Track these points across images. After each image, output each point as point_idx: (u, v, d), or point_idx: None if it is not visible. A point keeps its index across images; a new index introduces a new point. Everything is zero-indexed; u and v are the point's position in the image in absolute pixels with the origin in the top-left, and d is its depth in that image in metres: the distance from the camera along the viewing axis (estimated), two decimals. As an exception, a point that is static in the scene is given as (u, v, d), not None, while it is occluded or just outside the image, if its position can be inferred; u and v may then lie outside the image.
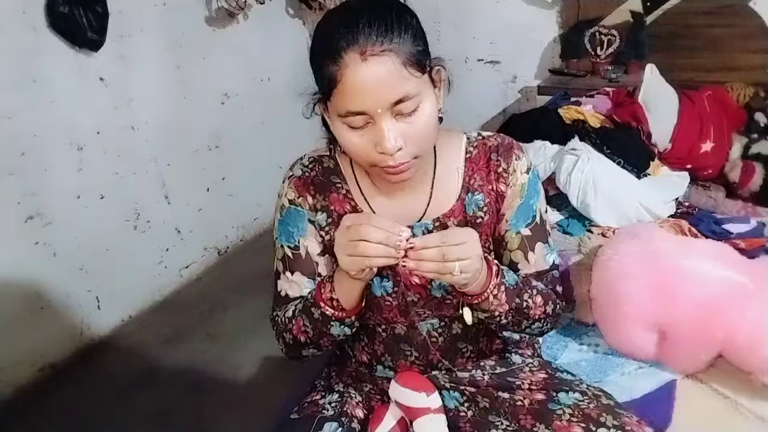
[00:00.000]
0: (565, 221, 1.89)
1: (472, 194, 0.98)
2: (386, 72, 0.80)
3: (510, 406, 0.97)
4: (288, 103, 3.05)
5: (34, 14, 1.97)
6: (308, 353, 1.00)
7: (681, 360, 1.31)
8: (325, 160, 1.00)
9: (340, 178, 0.99)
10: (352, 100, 0.81)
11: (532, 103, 2.73)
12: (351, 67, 0.80)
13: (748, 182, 1.93)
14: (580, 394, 0.95)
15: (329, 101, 0.85)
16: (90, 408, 1.97)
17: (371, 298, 0.97)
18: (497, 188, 0.98)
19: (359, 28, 0.80)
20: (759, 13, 2.36)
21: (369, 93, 0.80)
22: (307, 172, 0.99)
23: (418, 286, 0.97)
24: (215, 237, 2.82)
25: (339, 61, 0.80)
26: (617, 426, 0.88)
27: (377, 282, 0.97)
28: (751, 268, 1.34)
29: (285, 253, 1.00)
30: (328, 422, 0.95)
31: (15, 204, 2.01)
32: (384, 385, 1.04)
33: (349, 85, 0.80)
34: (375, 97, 0.80)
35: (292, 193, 0.98)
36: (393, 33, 0.80)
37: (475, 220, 0.98)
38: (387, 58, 0.80)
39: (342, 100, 0.82)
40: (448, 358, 1.03)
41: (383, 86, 0.80)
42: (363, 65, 0.79)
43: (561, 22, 2.78)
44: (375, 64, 0.79)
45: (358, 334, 1.04)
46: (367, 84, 0.80)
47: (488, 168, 0.98)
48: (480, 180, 0.98)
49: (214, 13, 2.61)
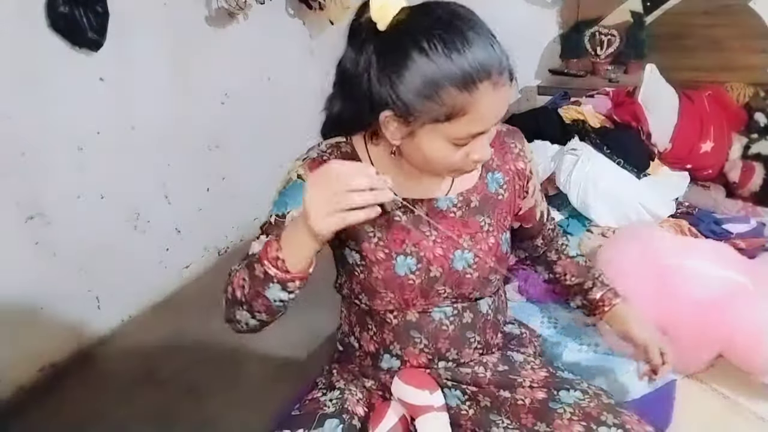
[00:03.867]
0: (565, 221, 1.89)
1: (492, 173, 1.03)
2: (507, 97, 0.85)
3: (511, 405, 0.98)
4: (288, 103, 3.05)
5: (34, 14, 1.97)
6: (241, 318, 0.93)
7: (681, 360, 1.31)
8: (343, 146, 0.99)
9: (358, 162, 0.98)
10: (476, 126, 0.84)
11: (532, 103, 2.73)
12: (484, 98, 0.82)
13: (747, 182, 1.93)
14: (581, 393, 0.95)
15: (439, 124, 0.84)
16: (90, 408, 1.97)
17: (394, 277, 0.97)
18: (516, 167, 1.05)
19: (490, 58, 0.81)
20: (759, 13, 2.36)
21: (492, 119, 0.86)
22: (326, 156, 0.97)
23: (440, 257, 0.98)
24: (215, 237, 2.82)
25: (474, 93, 0.81)
26: (618, 425, 0.88)
27: (401, 261, 0.97)
28: (751, 268, 1.35)
29: (269, 220, 0.97)
30: (329, 419, 0.95)
31: (15, 204, 2.01)
32: (386, 380, 1.05)
33: (479, 114, 0.83)
34: (494, 120, 0.86)
35: (303, 170, 0.96)
36: (507, 56, 0.84)
37: (496, 197, 1.03)
38: (509, 83, 0.84)
39: (466, 126, 0.84)
40: (456, 347, 1.03)
41: (503, 110, 0.87)
42: (494, 94, 0.82)
43: (561, 22, 2.77)
44: (502, 92, 0.83)
45: (366, 323, 1.04)
46: (495, 111, 0.85)
47: (504, 149, 1.04)
48: (498, 160, 1.04)
49: (214, 13, 2.61)
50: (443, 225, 0.98)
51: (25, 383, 2.07)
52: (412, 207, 0.92)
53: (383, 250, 0.97)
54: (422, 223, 0.98)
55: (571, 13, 2.73)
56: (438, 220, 0.98)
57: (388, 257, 0.97)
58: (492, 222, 1.01)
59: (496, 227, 1.02)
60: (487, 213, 1.01)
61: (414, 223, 0.97)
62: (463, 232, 0.99)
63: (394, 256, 0.97)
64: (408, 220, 0.97)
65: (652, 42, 2.54)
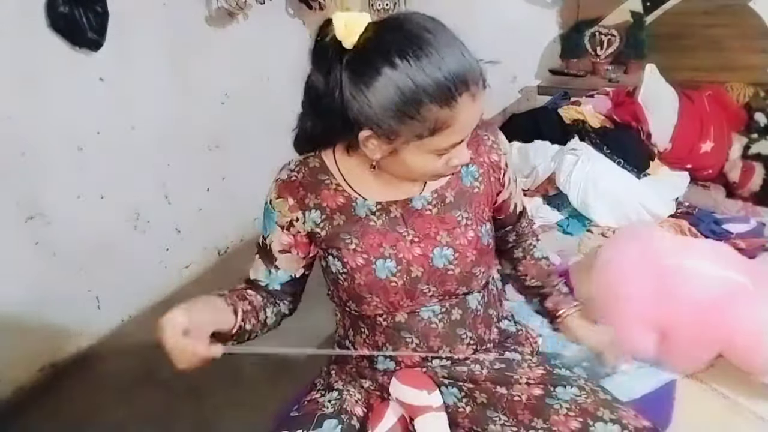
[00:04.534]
0: (565, 221, 1.89)
1: (466, 167, 1.02)
2: (482, 105, 0.86)
3: (508, 402, 0.98)
4: (288, 103, 3.04)
5: (34, 14, 1.97)
6: None
7: (681, 360, 1.31)
8: (311, 160, 1.01)
9: (328, 174, 1.00)
10: (456, 137, 0.86)
11: (532, 103, 2.73)
12: (464, 111, 0.83)
13: (747, 182, 1.93)
14: (577, 389, 0.96)
15: (421, 140, 0.85)
16: (90, 408, 1.97)
17: (377, 281, 0.98)
18: (490, 159, 1.05)
19: (468, 72, 0.82)
20: (759, 13, 2.36)
21: (470, 127, 0.88)
22: (294, 176, 1.00)
23: (420, 257, 0.98)
24: (215, 237, 2.82)
25: (455, 108, 0.82)
26: (614, 420, 0.89)
27: (380, 264, 0.97)
28: (751, 268, 1.35)
29: (259, 242, 1.06)
30: (327, 419, 0.96)
31: (15, 204, 2.01)
32: (384, 381, 1.05)
33: (459, 126, 0.84)
34: (471, 128, 0.88)
35: (274, 194, 1.01)
36: (476, 60, 0.84)
37: (472, 190, 1.03)
38: (484, 92, 0.85)
39: (448, 138, 0.85)
40: (447, 344, 1.03)
41: (479, 118, 0.88)
42: (472, 105, 0.84)
43: (561, 22, 2.78)
44: (479, 101, 0.85)
45: (359, 327, 1.05)
46: (474, 119, 0.87)
47: (477, 142, 1.04)
48: (472, 153, 1.01)
49: (214, 12, 2.60)
50: (419, 223, 0.99)
51: (25, 383, 2.07)
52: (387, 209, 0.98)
53: (362, 255, 0.97)
54: (398, 224, 0.98)
55: (571, 13, 2.73)
56: (414, 220, 0.99)
57: (367, 263, 0.97)
58: (469, 215, 1.01)
59: (474, 220, 1.01)
60: (463, 207, 1.01)
61: (390, 225, 0.98)
62: (441, 229, 0.99)
63: (374, 261, 0.97)
64: (383, 223, 0.98)
65: (652, 42, 2.54)
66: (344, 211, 0.99)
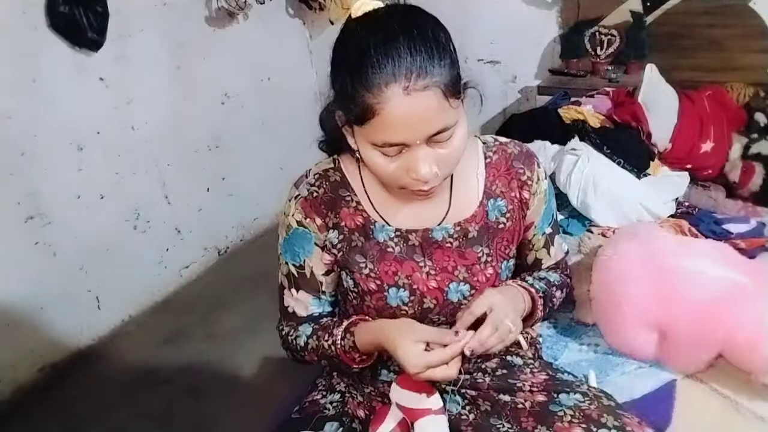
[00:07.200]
0: (565, 221, 1.89)
1: (494, 200, 0.98)
2: (428, 107, 0.77)
3: (511, 409, 0.97)
4: (288, 103, 3.05)
5: (34, 14, 1.97)
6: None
7: (681, 360, 1.31)
8: (331, 174, 0.97)
9: (349, 191, 0.97)
10: (392, 134, 0.79)
11: (532, 103, 2.73)
12: (392, 102, 0.76)
13: (748, 182, 1.93)
14: (581, 395, 0.95)
15: (360, 127, 0.81)
16: (90, 408, 1.97)
17: (386, 308, 0.96)
18: (521, 196, 0.99)
19: (401, 60, 0.75)
20: (759, 13, 2.36)
21: (409, 127, 0.78)
22: (315, 191, 0.96)
23: (435, 290, 0.96)
24: (215, 237, 2.82)
25: (379, 95, 0.76)
26: (618, 427, 0.88)
27: (393, 293, 0.95)
28: (751, 268, 1.34)
29: (290, 270, 0.99)
30: (329, 422, 0.96)
31: (15, 204, 2.01)
32: (385, 389, 1.04)
33: (388, 119, 0.77)
34: (415, 131, 0.79)
35: (300, 214, 0.96)
36: (434, 63, 0.77)
37: (497, 225, 0.98)
38: (430, 92, 0.77)
39: (379, 131, 0.79)
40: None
41: (425, 121, 0.78)
42: (405, 100, 0.76)
43: (561, 22, 2.77)
44: (417, 99, 0.76)
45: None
46: (408, 119, 0.77)
47: (510, 175, 0.98)
48: (502, 186, 0.98)
49: (214, 13, 2.61)
50: (438, 255, 0.95)
51: (25, 383, 2.07)
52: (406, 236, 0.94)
53: (375, 281, 0.95)
54: (416, 252, 0.96)
55: (571, 13, 2.73)
56: (433, 251, 0.96)
57: (380, 289, 0.95)
58: (491, 252, 0.97)
59: (495, 257, 0.98)
60: (485, 243, 0.97)
61: (407, 253, 0.95)
62: (459, 264, 0.96)
63: (386, 288, 0.95)
64: (401, 250, 0.95)
65: (652, 42, 2.53)
66: (362, 232, 0.96)
